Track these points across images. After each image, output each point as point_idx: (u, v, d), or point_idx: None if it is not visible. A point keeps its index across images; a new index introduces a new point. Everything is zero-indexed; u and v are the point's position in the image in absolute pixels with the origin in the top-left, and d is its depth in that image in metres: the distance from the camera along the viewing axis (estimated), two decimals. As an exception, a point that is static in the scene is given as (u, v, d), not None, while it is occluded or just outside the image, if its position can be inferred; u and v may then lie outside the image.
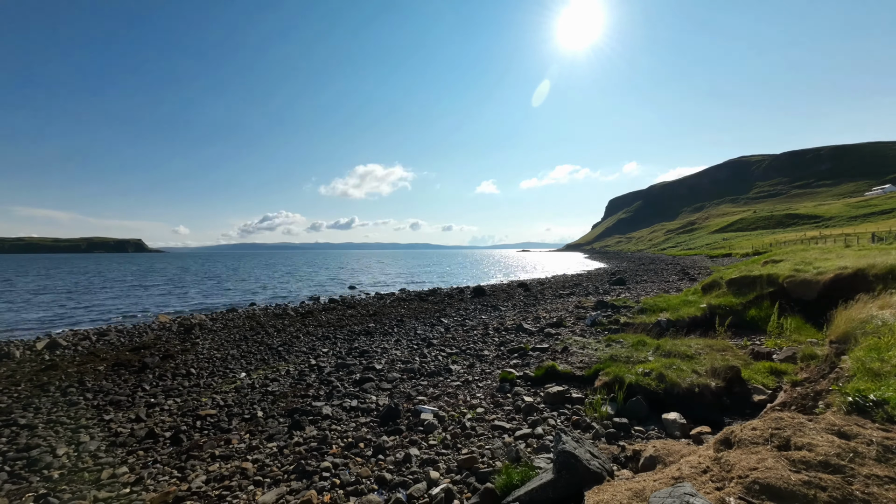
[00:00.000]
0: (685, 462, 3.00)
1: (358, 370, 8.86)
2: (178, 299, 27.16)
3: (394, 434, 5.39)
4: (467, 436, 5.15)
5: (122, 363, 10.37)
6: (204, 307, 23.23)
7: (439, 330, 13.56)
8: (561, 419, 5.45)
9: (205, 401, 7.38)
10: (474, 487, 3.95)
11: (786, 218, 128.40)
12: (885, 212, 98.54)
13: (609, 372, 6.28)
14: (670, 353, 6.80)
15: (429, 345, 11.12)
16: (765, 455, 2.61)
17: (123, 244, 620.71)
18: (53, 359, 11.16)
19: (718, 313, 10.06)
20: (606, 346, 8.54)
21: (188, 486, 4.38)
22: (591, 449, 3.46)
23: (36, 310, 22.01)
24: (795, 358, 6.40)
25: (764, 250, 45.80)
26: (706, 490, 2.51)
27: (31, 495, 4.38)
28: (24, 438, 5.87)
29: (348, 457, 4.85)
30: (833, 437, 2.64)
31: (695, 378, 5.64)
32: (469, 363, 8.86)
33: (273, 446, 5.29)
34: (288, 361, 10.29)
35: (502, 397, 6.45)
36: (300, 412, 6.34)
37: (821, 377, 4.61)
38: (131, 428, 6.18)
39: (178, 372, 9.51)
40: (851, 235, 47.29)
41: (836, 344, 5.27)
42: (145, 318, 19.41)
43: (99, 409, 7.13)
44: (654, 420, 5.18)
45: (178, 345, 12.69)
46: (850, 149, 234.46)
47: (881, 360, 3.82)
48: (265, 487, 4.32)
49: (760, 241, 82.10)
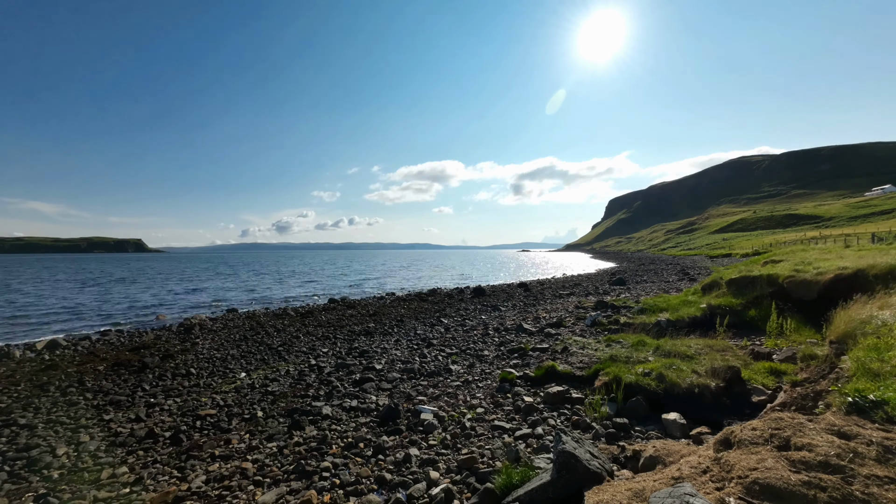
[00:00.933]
0: (685, 462, 3.00)
1: (358, 370, 8.86)
2: (178, 300, 27.16)
3: (394, 434, 5.39)
4: (467, 436, 5.15)
5: (121, 363, 10.37)
6: (204, 307, 23.23)
7: (439, 330, 13.56)
8: (561, 419, 5.45)
9: (205, 401, 7.38)
10: (474, 487, 3.95)
11: (786, 218, 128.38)
12: (885, 212, 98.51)
13: (609, 372, 6.27)
14: (670, 354, 6.80)
15: (429, 345, 11.12)
16: (765, 455, 2.61)
17: (123, 244, 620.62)
18: (53, 359, 11.16)
19: (718, 313, 10.05)
20: (606, 346, 8.54)
21: (188, 486, 4.38)
22: (591, 449, 3.46)
23: (36, 310, 22.00)
24: (795, 358, 6.40)
25: (764, 250, 45.80)
26: (706, 490, 2.51)
27: (30, 495, 4.38)
28: (24, 438, 5.87)
29: (348, 457, 4.85)
30: (833, 438, 2.64)
31: (695, 378, 5.64)
32: (469, 363, 8.86)
33: (273, 446, 5.30)
34: (288, 361, 10.29)
35: (502, 397, 6.45)
36: (300, 412, 6.34)
37: (821, 377, 4.61)
38: (131, 428, 6.18)
39: (178, 372, 9.51)
40: (851, 236, 47.28)
41: (835, 344, 5.27)
42: (146, 318, 19.41)
43: (99, 409, 7.13)
44: (654, 420, 5.18)
45: (178, 345, 12.69)
46: (851, 149, 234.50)
47: (881, 360, 3.82)
48: (265, 487, 4.32)
49: (760, 241, 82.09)
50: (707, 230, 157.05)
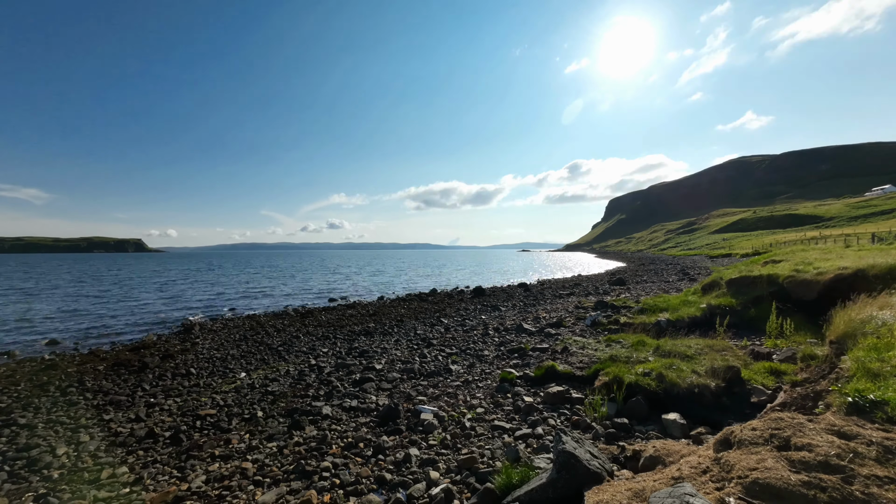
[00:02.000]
0: (685, 462, 3.00)
1: (358, 370, 8.86)
2: (179, 299, 27.15)
3: (393, 434, 5.39)
4: (467, 436, 5.15)
5: (121, 363, 10.37)
6: (204, 307, 23.22)
7: (439, 330, 13.56)
8: (561, 419, 5.45)
9: (204, 400, 7.38)
10: (474, 487, 3.95)
11: (786, 218, 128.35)
12: (885, 212, 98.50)
13: (609, 372, 6.27)
14: (670, 354, 6.80)
15: (428, 345, 11.12)
16: (765, 455, 2.61)
17: (123, 244, 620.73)
18: (53, 358, 11.16)
19: (718, 313, 10.05)
20: (606, 346, 8.53)
21: (188, 486, 4.38)
22: (591, 449, 3.46)
23: (37, 310, 22.00)
24: (795, 358, 6.39)
25: (764, 250, 45.79)
26: (706, 490, 2.51)
27: (30, 495, 4.38)
28: (24, 438, 5.87)
29: (348, 457, 4.85)
30: (833, 438, 2.64)
31: (694, 378, 5.64)
32: (469, 363, 8.85)
33: (273, 446, 5.30)
34: (288, 361, 10.29)
35: (502, 397, 6.45)
36: (300, 412, 6.35)
37: (820, 377, 4.61)
38: (131, 428, 6.19)
39: (178, 372, 9.51)
40: (852, 236, 47.27)
41: (835, 344, 5.27)
42: (147, 318, 19.39)
43: (99, 409, 7.14)
44: (654, 420, 5.18)
45: (178, 345, 12.70)
46: (851, 149, 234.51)
47: (881, 360, 3.82)
48: (265, 487, 4.32)
49: (760, 241, 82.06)
50: (707, 230, 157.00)
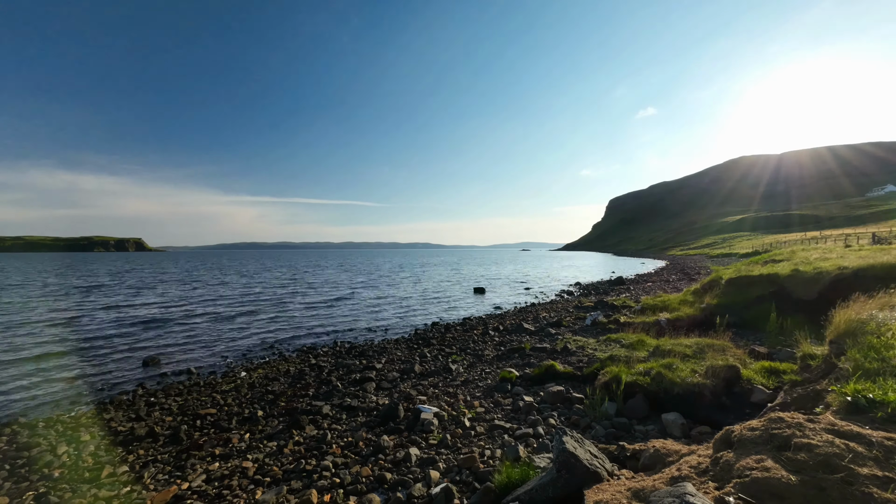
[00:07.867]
0: (685, 462, 3.00)
1: (357, 370, 8.86)
2: (179, 300, 27.16)
3: (393, 434, 5.39)
4: (467, 435, 5.15)
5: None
6: (203, 308, 23.22)
7: (439, 329, 13.56)
8: (560, 419, 5.46)
9: (204, 400, 7.38)
10: (474, 487, 3.95)
11: (786, 218, 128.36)
12: (885, 212, 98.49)
13: (608, 371, 6.27)
14: (670, 353, 6.80)
15: (428, 344, 11.12)
16: (764, 455, 2.61)
17: (124, 243, 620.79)
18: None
19: (718, 313, 10.05)
20: (606, 345, 8.54)
21: (188, 485, 4.38)
22: (591, 448, 3.46)
23: (37, 311, 22.00)
24: (795, 358, 6.39)
25: (764, 250, 45.79)
26: (706, 490, 2.51)
27: (31, 494, 4.39)
28: (25, 437, 5.88)
29: (348, 456, 4.85)
30: (832, 438, 2.64)
31: (694, 378, 5.64)
32: (469, 363, 8.86)
33: (273, 445, 5.30)
34: (288, 361, 10.29)
35: (502, 397, 6.46)
36: (300, 411, 6.35)
37: (820, 377, 4.61)
38: (131, 427, 6.19)
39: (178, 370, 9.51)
40: (852, 236, 47.27)
41: (835, 344, 5.27)
42: (146, 318, 19.39)
43: (99, 408, 7.14)
44: (654, 420, 5.18)
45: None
46: (850, 149, 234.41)
47: (880, 360, 3.82)
48: (265, 486, 4.32)
49: (761, 241, 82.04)
50: (707, 230, 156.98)
